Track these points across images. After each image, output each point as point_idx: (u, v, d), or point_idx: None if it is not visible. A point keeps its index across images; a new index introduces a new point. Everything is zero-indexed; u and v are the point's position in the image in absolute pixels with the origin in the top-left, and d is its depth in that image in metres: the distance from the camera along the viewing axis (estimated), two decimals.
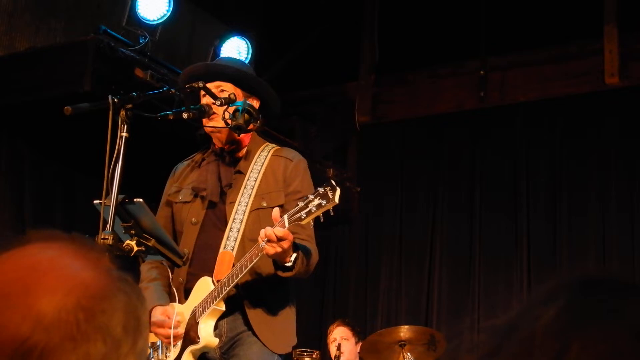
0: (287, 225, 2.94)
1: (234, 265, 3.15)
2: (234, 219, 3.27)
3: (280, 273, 3.13)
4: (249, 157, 3.41)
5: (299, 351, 5.47)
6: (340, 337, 5.90)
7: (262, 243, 2.98)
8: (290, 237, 2.97)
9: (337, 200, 2.86)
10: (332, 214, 2.92)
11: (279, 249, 2.95)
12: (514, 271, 6.91)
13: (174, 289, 3.28)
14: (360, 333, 6.05)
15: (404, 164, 7.72)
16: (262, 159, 3.39)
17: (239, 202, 3.29)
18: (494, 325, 0.92)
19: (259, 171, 3.35)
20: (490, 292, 6.95)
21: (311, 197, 2.90)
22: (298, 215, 2.92)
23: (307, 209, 2.90)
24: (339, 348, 5.75)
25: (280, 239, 2.93)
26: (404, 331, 5.68)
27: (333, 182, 2.88)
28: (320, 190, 2.89)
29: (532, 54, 7.22)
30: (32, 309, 0.92)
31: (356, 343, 5.93)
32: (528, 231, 6.97)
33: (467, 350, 0.94)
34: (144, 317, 1.03)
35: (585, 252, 6.69)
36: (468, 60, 7.48)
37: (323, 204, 2.88)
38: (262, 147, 3.46)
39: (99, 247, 1.06)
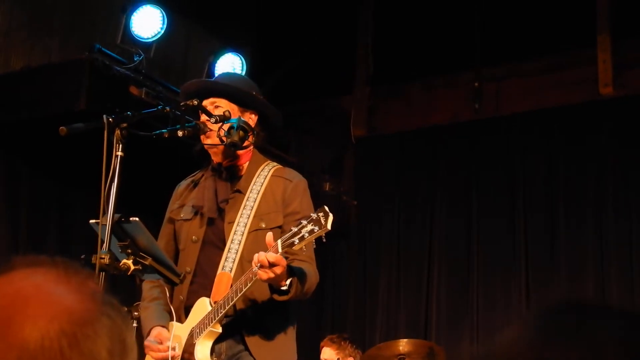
0: (280, 251, 2.94)
1: (231, 287, 3.15)
2: (232, 240, 3.27)
3: (275, 297, 3.12)
4: (248, 176, 3.41)
5: None
6: None
7: (255, 268, 2.98)
8: (283, 262, 2.96)
9: (329, 227, 2.86)
10: (324, 240, 2.92)
11: (271, 275, 2.94)
12: (512, 282, 6.91)
13: (174, 308, 3.29)
14: (345, 347, 5.77)
15: (401, 176, 7.72)
16: (261, 179, 3.39)
17: (238, 222, 3.29)
18: None
19: (259, 191, 3.35)
20: (490, 303, 6.95)
21: (304, 222, 2.90)
22: (291, 241, 2.92)
23: (300, 235, 2.90)
24: None
25: (272, 265, 2.93)
26: (403, 345, 5.65)
27: (326, 209, 2.89)
28: (314, 216, 2.89)
29: (526, 64, 7.24)
30: (17, 337, 0.93)
31: (344, 358, 5.78)
32: (526, 242, 6.97)
33: None
34: (129, 339, 1.04)
35: (584, 261, 6.69)
36: (463, 72, 7.50)
37: (315, 230, 2.88)
38: (262, 166, 3.45)
39: (83, 271, 1.06)
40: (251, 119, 3.42)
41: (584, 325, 6.49)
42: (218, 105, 3.36)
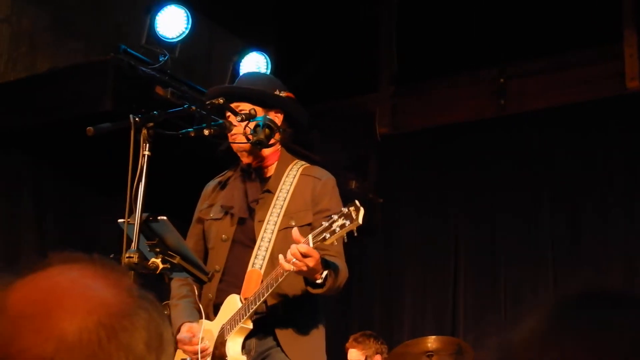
0: (311, 245, 2.94)
1: (262, 283, 3.16)
2: (262, 238, 3.29)
3: (310, 290, 3.12)
4: (277, 175, 3.42)
5: None
6: None
7: (281, 260, 2.98)
8: (316, 254, 2.96)
9: (360, 220, 2.86)
10: (355, 234, 2.92)
11: (304, 267, 2.94)
12: (539, 277, 6.87)
13: (203, 306, 3.30)
14: (371, 345, 5.68)
15: (426, 173, 7.70)
16: (290, 178, 3.41)
17: (268, 220, 3.31)
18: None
19: (288, 191, 3.37)
20: (517, 299, 6.92)
21: (335, 217, 2.91)
22: (323, 235, 2.93)
23: (331, 229, 2.91)
24: None
25: (305, 255, 2.93)
26: (431, 342, 5.63)
27: (357, 203, 2.89)
28: (345, 210, 2.90)
29: (550, 60, 7.18)
30: (55, 329, 0.94)
31: (370, 357, 5.67)
32: (552, 238, 6.93)
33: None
34: (166, 333, 1.04)
35: (610, 257, 6.65)
36: (486, 69, 7.45)
37: (347, 225, 2.88)
38: (290, 165, 3.47)
39: (119, 267, 1.07)
40: (277, 117, 3.43)
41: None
42: (242, 110, 3.37)
